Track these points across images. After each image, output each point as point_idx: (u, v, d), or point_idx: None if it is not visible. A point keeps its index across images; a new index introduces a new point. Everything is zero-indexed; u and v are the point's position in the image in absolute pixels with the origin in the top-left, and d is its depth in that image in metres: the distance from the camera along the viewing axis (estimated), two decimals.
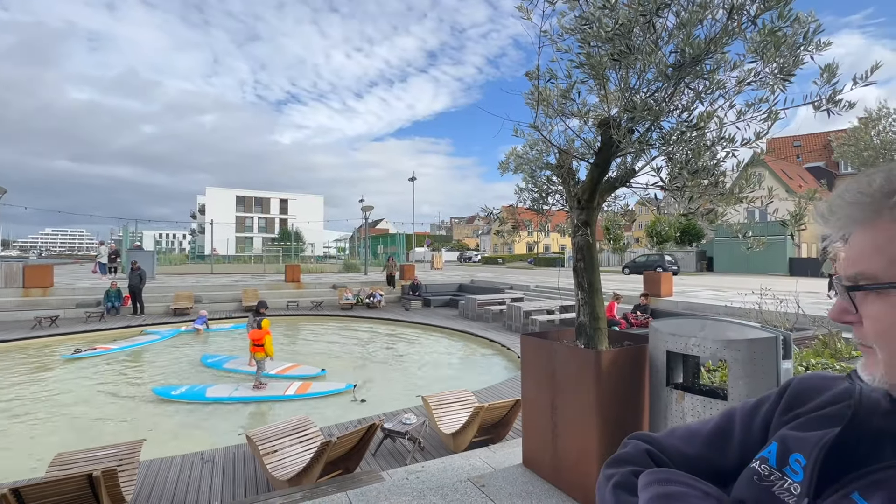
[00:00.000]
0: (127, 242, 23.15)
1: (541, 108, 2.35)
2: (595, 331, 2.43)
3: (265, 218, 60.24)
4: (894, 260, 0.45)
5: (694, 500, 0.52)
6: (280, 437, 4.19)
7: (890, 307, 0.46)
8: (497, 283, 17.75)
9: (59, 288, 13.81)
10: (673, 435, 0.70)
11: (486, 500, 2.26)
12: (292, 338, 11.85)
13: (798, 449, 0.54)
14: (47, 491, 2.78)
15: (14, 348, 9.79)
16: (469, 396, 5.35)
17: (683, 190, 2.10)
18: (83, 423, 6.04)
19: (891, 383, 0.48)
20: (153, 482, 3.97)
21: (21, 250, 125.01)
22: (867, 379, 0.51)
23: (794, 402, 0.62)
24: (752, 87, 2.04)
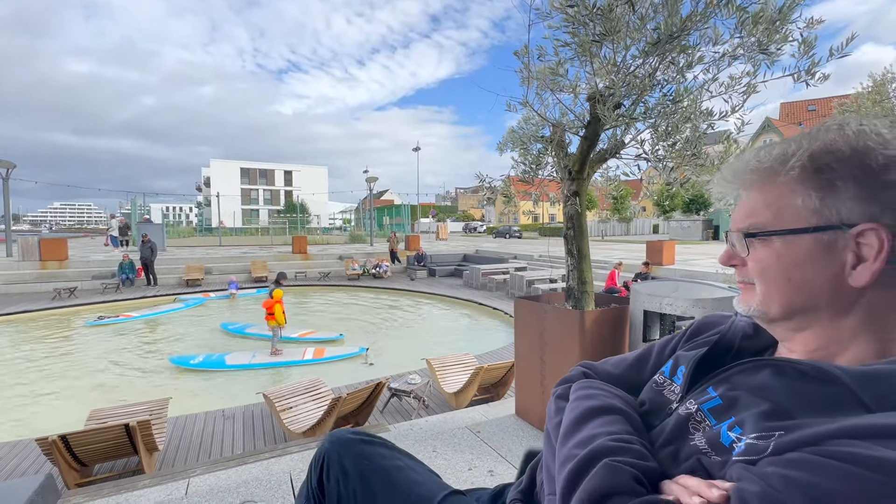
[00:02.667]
0: (135, 216, 23.50)
1: (534, 82, 2.46)
2: (583, 294, 2.63)
3: (270, 190, 60.26)
4: (778, 214, 0.57)
5: (603, 396, 0.72)
6: (294, 395, 4.53)
7: (772, 251, 0.58)
8: (501, 253, 17.96)
9: (75, 260, 14.24)
10: (607, 362, 0.89)
11: (481, 443, 2.53)
12: (304, 307, 12.24)
13: (683, 363, 0.73)
14: (91, 438, 3.11)
15: (37, 318, 10.27)
16: (470, 359, 5.65)
17: (664, 160, 2.24)
18: (110, 387, 6.46)
19: (762, 310, 0.62)
20: (180, 435, 4.35)
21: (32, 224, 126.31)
22: (742, 310, 0.66)
23: (694, 333, 0.81)
24: (730, 63, 2.14)
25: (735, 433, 0.53)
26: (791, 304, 0.58)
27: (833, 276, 0.54)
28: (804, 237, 0.55)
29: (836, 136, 0.55)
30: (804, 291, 0.57)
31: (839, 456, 0.43)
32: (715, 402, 0.60)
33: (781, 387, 0.55)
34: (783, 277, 0.58)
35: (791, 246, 0.56)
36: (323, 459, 0.79)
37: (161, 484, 2.62)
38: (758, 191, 0.60)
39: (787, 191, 0.57)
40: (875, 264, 0.52)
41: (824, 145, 0.55)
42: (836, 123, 0.56)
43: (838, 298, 0.55)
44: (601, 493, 0.50)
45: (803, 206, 0.56)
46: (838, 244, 0.54)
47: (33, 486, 2.60)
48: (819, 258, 0.55)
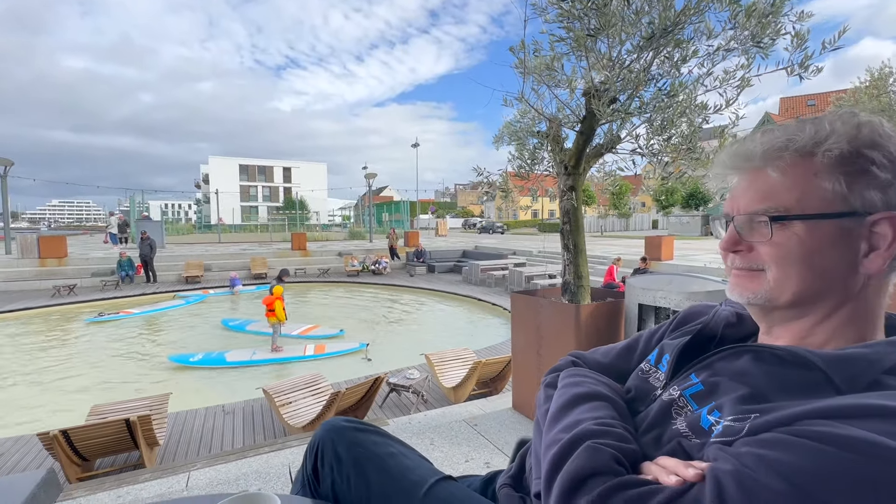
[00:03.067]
0: (134, 213, 23.47)
1: (529, 78, 2.47)
2: (578, 288, 2.65)
3: (269, 186, 60.17)
4: (802, 197, 0.55)
5: (589, 384, 0.74)
6: (294, 390, 4.56)
7: (793, 235, 0.55)
8: (500, 249, 17.97)
9: (74, 258, 14.24)
10: (597, 352, 0.91)
11: (478, 436, 2.56)
12: (304, 303, 12.27)
13: (668, 351, 0.75)
14: (91, 433, 3.14)
15: (37, 315, 10.28)
16: (469, 354, 5.68)
17: (659, 155, 2.25)
18: (110, 384, 6.49)
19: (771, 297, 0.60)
20: (181, 430, 4.38)
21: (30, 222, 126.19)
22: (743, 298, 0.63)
23: (680, 323, 0.83)
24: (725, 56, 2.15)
25: (714, 416, 0.55)
26: (806, 291, 0.56)
27: (848, 264, 0.54)
28: (828, 222, 0.54)
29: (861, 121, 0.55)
30: (822, 278, 0.55)
31: (809, 435, 0.44)
32: (697, 387, 0.62)
33: (759, 372, 0.57)
34: (805, 264, 0.56)
35: (814, 231, 0.54)
36: (317, 446, 0.81)
37: (162, 478, 2.64)
38: (780, 172, 0.57)
39: (816, 174, 0.55)
40: (887, 253, 0.53)
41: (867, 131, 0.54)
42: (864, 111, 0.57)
43: (847, 287, 0.55)
44: (583, 474, 0.52)
45: (832, 191, 0.54)
46: (855, 231, 0.53)
47: (35, 480, 2.62)
48: (839, 245, 0.54)
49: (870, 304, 0.56)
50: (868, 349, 0.52)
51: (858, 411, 0.45)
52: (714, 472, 0.46)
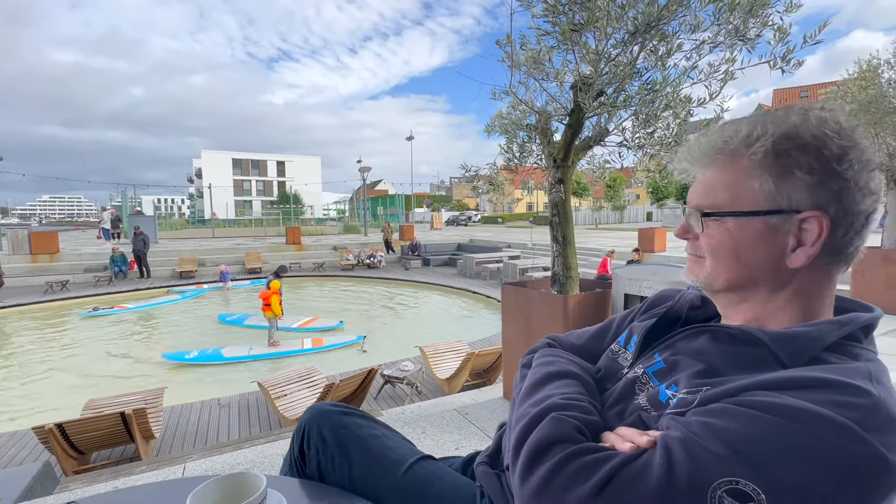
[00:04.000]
0: (126, 208, 23.27)
1: (517, 71, 2.49)
2: (567, 279, 2.69)
3: (263, 181, 59.73)
4: (735, 196, 0.60)
5: (560, 363, 0.78)
6: (289, 383, 4.59)
7: (724, 230, 0.61)
8: (495, 243, 18.02)
9: (66, 254, 14.13)
10: (572, 334, 0.95)
11: (469, 424, 2.61)
12: (299, 297, 12.28)
13: (636, 332, 0.79)
14: (87, 427, 3.17)
15: (30, 311, 10.23)
16: (462, 346, 5.73)
17: (644, 148, 2.29)
18: (106, 379, 6.50)
19: (708, 282, 0.66)
20: (177, 423, 4.41)
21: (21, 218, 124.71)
22: (689, 280, 0.71)
23: (650, 306, 0.87)
24: (711, 49, 2.18)
25: (671, 391, 0.59)
26: (735, 279, 0.62)
27: (774, 257, 0.58)
28: (756, 219, 0.58)
29: (799, 121, 0.57)
30: (748, 269, 0.61)
31: (750, 404, 0.49)
32: (659, 365, 0.66)
33: (715, 350, 0.62)
34: (732, 255, 0.61)
35: (743, 227, 0.59)
36: (304, 429, 0.85)
37: (158, 469, 2.68)
38: (719, 170, 0.62)
39: (747, 174, 0.59)
40: (812, 249, 0.56)
41: (788, 131, 0.57)
42: (801, 108, 0.59)
43: (775, 277, 0.60)
44: (546, 442, 0.56)
45: (759, 190, 0.58)
46: (783, 228, 0.57)
47: (31, 473, 2.65)
48: (765, 240, 0.58)
49: (807, 290, 0.60)
50: (812, 328, 0.56)
51: (796, 383, 0.49)
52: (664, 438, 0.51)
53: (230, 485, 0.65)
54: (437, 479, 0.79)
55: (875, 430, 0.44)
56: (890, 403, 0.46)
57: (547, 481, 0.53)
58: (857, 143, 0.55)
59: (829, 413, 0.44)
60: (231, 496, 0.63)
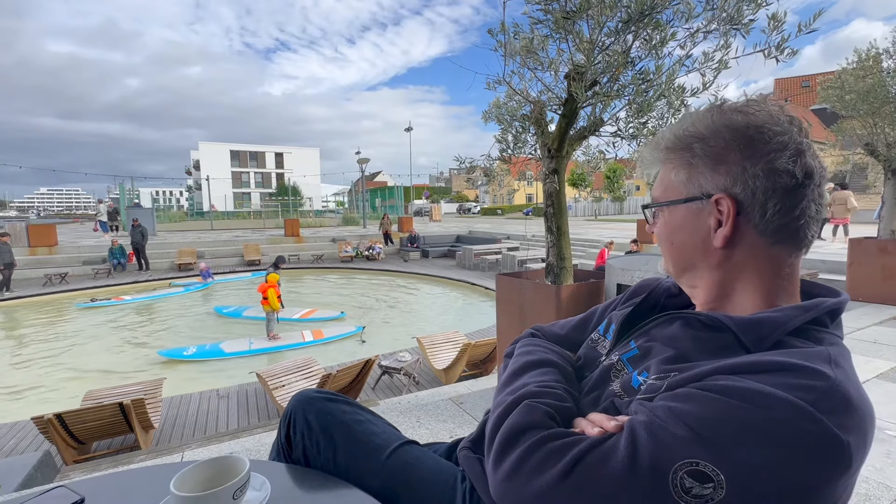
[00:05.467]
0: (124, 200, 23.20)
1: (511, 61, 2.47)
2: (561, 269, 2.70)
3: (261, 172, 59.45)
4: (665, 189, 0.67)
5: (540, 352, 0.79)
6: (287, 374, 4.63)
7: (663, 220, 0.68)
8: (494, 234, 18.02)
9: (64, 246, 14.12)
10: (556, 325, 0.97)
11: (463, 413, 2.64)
12: (298, 290, 12.30)
13: (615, 321, 0.80)
14: (86, 416, 3.20)
15: (30, 304, 10.26)
16: (460, 336, 5.77)
17: (638, 138, 2.28)
18: (104, 370, 6.54)
19: (665, 270, 0.73)
20: (176, 413, 4.45)
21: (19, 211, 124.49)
22: (661, 271, 0.76)
23: (631, 295, 0.88)
24: (705, 37, 2.17)
25: (643, 377, 0.61)
26: (677, 262, 0.68)
27: (702, 240, 0.63)
28: (679, 207, 0.65)
29: (703, 117, 0.63)
30: (682, 253, 0.66)
31: (712, 388, 0.50)
32: (633, 352, 0.68)
33: (686, 336, 0.63)
34: (668, 241, 0.68)
35: (672, 215, 0.66)
36: (290, 415, 0.87)
37: (157, 458, 2.71)
38: (660, 168, 0.69)
39: (668, 168, 0.67)
40: (726, 229, 0.60)
41: (687, 127, 0.63)
42: (718, 103, 0.64)
43: (708, 257, 0.63)
44: (518, 428, 0.58)
45: (677, 181, 0.65)
46: (704, 212, 0.62)
47: (31, 462, 2.69)
48: (690, 224, 0.64)
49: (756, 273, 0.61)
50: (777, 313, 0.57)
51: (757, 367, 0.50)
52: (631, 422, 0.52)
53: (214, 468, 0.67)
54: (419, 463, 0.81)
55: (830, 412, 0.45)
56: (846, 386, 0.48)
57: (517, 467, 0.54)
58: (756, 126, 0.59)
59: (786, 395, 0.46)
60: (214, 478, 0.65)
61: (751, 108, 0.61)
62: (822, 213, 0.61)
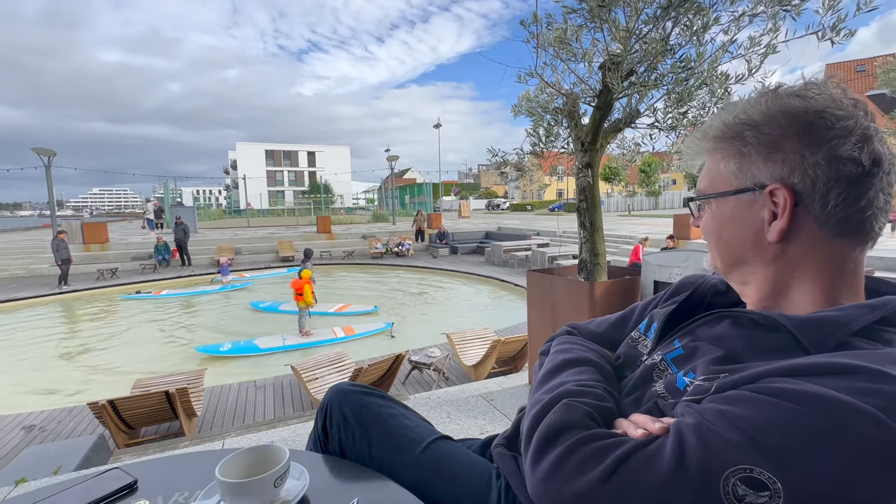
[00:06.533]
0: (168, 199, 24.40)
1: (544, 52, 2.42)
2: (595, 266, 2.64)
3: (294, 171, 61.07)
4: (712, 180, 0.63)
5: (578, 350, 0.77)
6: (320, 367, 4.75)
7: (710, 213, 0.65)
8: (524, 230, 17.82)
9: (115, 243, 15.01)
10: (592, 322, 0.94)
11: (493, 410, 2.63)
12: (330, 285, 12.58)
13: (657, 319, 0.77)
14: (136, 403, 3.40)
15: (84, 296, 10.97)
16: (489, 333, 5.74)
17: (677, 129, 2.19)
18: (149, 361, 6.91)
19: (713, 265, 0.69)
20: (216, 402, 4.66)
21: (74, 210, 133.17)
22: (707, 267, 0.73)
23: (674, 293, 0.84)
24: (751, 20, 2.05)
25: (689, 378, 0.58)
26: (726, 258, 0.64)
27: (754, 233, 0.59)
28: (728, 199, 0.61)
29: (755, 103, 0.59)
30: (732, 247, 0.62)
31: (768, 391, 0.47)
32: (677, 352, 0.65)
33: (736, 335, 0.59)
34: (716, 235, 0.64)
35: (720, 208, 0.63)
36: (326, 407, 0.88)
37: (200, 444, 2.85)
38: (707, 159, 0.66)
39: (715, 158, 0.63)
40: (782, 222, 0.56)
41: (738, 114, 0.59)
42: (772, 88, 0.60)
43: (761, 252, 0.59)
44: (557, 428, 0.56)
45: (726, 172, 0.61)
46: (757, 204, 0.58)
47: (88, 444, 2.88)
48: (740, 217, 0.60)
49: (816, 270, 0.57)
50: (839, 312, 0.53)
51: (818, 369, 0.47)
52: (677, 425, 0.50)
53: (256, 456, 0.69)
54: (453, 458, 0.80)
55: None
56: None
57: (556, 467, 0.53)
58: (817, 111, 0.54)
59: (852, 400, 0.42)
60: (256, 466, 0.67)
61: (810, 91, 0.56)
62: (890, 204, 0.57)
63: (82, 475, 0.78)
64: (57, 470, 2.42)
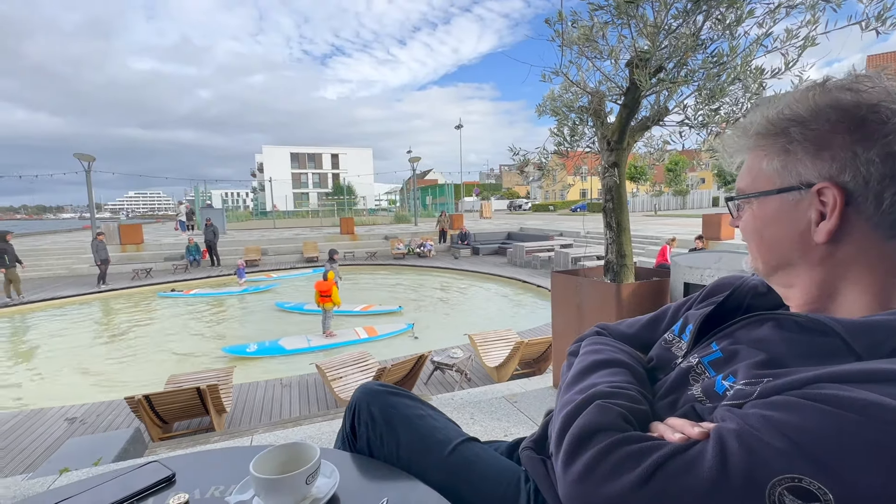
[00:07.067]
0: (199, 201, 25.23)
1: (568, 51, 2.39)
2: (621, 267, 2.58)
3: (318, 173, 62.17)
4: (754, 178, 0.61)
5: (609, 351, 0.75)
6: (344, 366, 4.82)
7: (750, 213, 0.62)
8: (546, 231, 17.63)
9: (149, 244, 15.63)
10: (622, 323, 0.92)
11: (517, 412, 2.61)
12: (353, 286, 12.74)
13: (692, 321, 0.74)
14: (168, 399, 3.52)
15: (121, 295, 11.46)
16: (511, 334, 5.70)
17: (709, 126, 2.12)
18: (180, 357, 7.16)
19: (754, 267, 0.66)
20: (245, 399, 4.78)
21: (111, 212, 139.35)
22: (746, 269, 0.70)
23: (709, 294, 0.82)
24: (788, 12, 1.97)
25: (729, 382, 0.56)
26: (768, 259, 0.62)
27: (800, 234, 0.56)
28: (772, 198, 0.59)
29: (801, 97, 0.56)
30: (775, 248, 0.60)
31: (817, 397, 0.44)
32: (716, 355, 0.62)
33: (779, 338, 0.57)
34: (757, 236, 0.62)
35: (762, 207, 0.60)
36: (355, 407, 0.89)
37: (229, 440, 2.93)
38: (747, 155, 0.63)
39: (757, 155, 0.61)
40: (831, 223, 0.53)
41: (782, 109, 0.57)
42: (820, 81, 0.57)
43: (808, 254, 0.57)
44: (590, 429, 0.55)
45: (769, 169, 0.59)
46: (803, 203, 0.56)
47: (125, 437, 3.00)
48: (785, 217, 0.58)
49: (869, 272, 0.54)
50: (893, 317, 0.50)
51: (873, 376, 0.44)
52: (719, 430, 0.48)
53: (288, 452, 0.70)
54: (482, 461, 0.80)
55: None
56: None
57: (590, 469, 0.52)
58: (870, 105, 0.51)
59: None
60: (288, 463, 0.68)
61: (861, 84, 0.53)
62: None
63: (123, 468, 0.81)
64: (98, 461, 2.53)
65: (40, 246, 15.56)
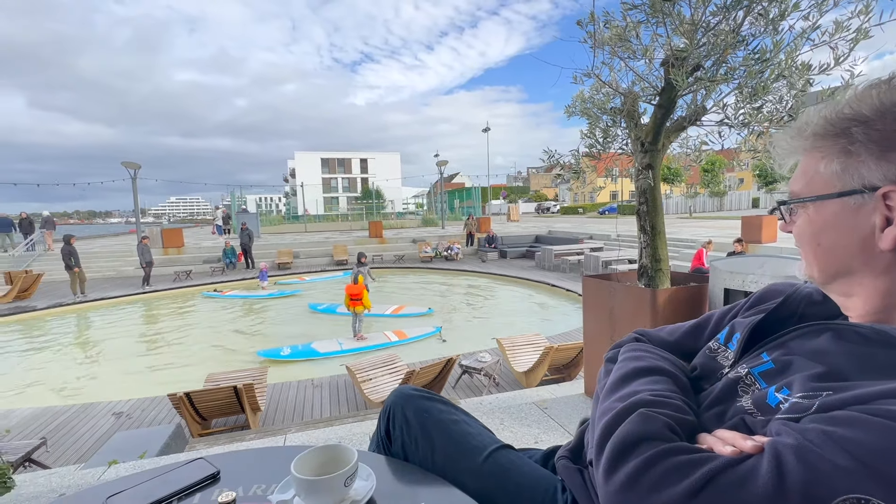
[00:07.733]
0: (234, 206, 26.21)
1: (600, 51, 2.35)
2: (656, 272, 2.51)
3: (348, 178, 63.41)
4: (809, 181, 0.59)
5: (650, 358, 0.73)
6: (373, 368, 4.88)
7: (805, 217, 0.60)
8: (576, 234, 17.32)
9: (189, 247, 16.36)
10: (663, 330, 0.89)
11: (547, 419, 2.56)
12: (384, 288, 12.89)
13: (739, 330, 0.71)
14: (207, 396, 3.67)
15: (164, 296, 12.03)
16: (541, 339, 5.63)
17: (750, 125, 2.03)
18: (220, 356, 7.44)
19: (808, 275, 0.63)
20: (278, 398, 4.92)
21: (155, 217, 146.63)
22: (800, 276, 0.67)
23: (757, 301, 0.78)
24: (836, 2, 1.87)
25: (783, 394, 0.53)
26: (825, 267, 0.59)
27: (862, 240, 0.54)
28: (831, 202, 0.56)
29: (864, 96, 0.53)
30: (833, 255, 0.57)
31: (885, 414, 0.42)
32: (767, 366, 0.60)
33: (839, 350, 0.54)
34: (813, 242, 0.59)
35: (820, 211, 0.57)
36: (389, 411, 0.90)
37: (264, 438, 3.02)
38: (802, 157, 0.61)
39: (814, 157, 0.58)
40: None
41: (842, 108, 0.54)
42: (886, 78, 0.54)
43: (871, 261, 0.54)
44: (633, 438, 0.53)
45: (827, 172, 0.56)
46: (865, 208, 0.53)
47: (168, 432, 3.14)
48: (845, 222, 0.55)
49: None
50: None
51: None
52: (774, 444, 0.46)
53: (327, 454, 0.72)
54: (517, 469, 0.79)
55: None
56: None
57: (634, 479, 0.50)
58: None
59: None
60: (327, 464, 0.70)
61: None
62: None
63: (169, 464, 0.85)
64: (143, 454, 2.66)
65: (91, 249, 16.54)
